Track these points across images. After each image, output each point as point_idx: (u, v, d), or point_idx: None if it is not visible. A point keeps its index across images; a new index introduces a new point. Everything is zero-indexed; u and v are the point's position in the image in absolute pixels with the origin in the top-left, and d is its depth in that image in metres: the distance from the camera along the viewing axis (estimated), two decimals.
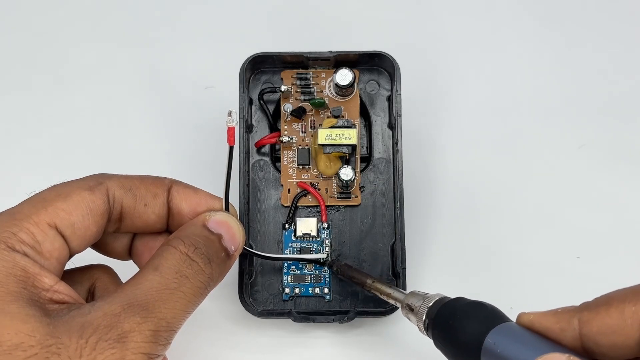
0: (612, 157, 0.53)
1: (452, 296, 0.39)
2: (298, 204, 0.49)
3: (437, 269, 0.50)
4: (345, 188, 0.49)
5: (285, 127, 0.50)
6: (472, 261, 0.50)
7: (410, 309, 0.40)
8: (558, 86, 0.55)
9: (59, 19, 0.57)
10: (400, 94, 0.49)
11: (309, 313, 0.48)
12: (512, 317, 0.49)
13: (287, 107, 0.50)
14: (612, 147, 0.53)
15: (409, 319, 0.41)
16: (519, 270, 0.45)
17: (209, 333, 0.49)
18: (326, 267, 0.48)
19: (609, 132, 0.54)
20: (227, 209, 0.43)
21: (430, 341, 0.48)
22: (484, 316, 0.37)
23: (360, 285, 0.45)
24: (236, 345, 0.49)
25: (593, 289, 0.36)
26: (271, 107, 0.50)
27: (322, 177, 0.50)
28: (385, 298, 0.44)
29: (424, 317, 0.39)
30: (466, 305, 0.38)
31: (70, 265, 0.41)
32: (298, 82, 0.50)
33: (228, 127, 0.41)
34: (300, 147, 0.50)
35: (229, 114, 0.41)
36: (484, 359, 0.36)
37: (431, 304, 0.39)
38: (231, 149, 0.41)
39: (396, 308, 0.47)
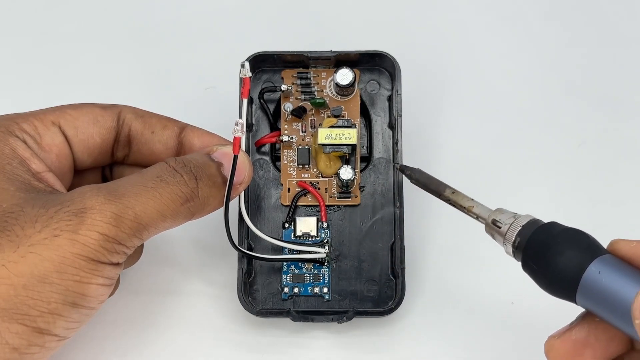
0: (612, 155, 0.53)
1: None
2: (298, 204, 0.49)
3: (437, 268, 0.50)
4: (345, 188, 0.49)
5: (286, 126, 0.50)
6: (472, 260, 0.50)
7: (497, 226, 0.38)
8: (558, 85, 0.55)
9: (58, 18, 0.57)
10: (400, 94, 0.49)
11: (307, 312, 0.47)
12: (512, 315, 0.49)
13: (288, 106, 0.50)
14: (612, 146, 0.53)
15: (492, 236, 0.39)
16: (519, 266, 0.45)
17: (207, 332, 0.49)
18: (325, 267, 0.48)
19: (609, 130, 0.54)
20: (226, 209, 0.44)
21: (429, 341, 0.49)
22: (588, 244, 0.36)
23: (436, 194, 0.42)
24: (235, 344, 0.49)
25: None
26: (271, 107, 0.50)
27: (322, 177, 0.49)
28: (465, 212, 0.41)
29: (515, 236, 0.37)
30: (568, 230, 0.36)
31: None
32: (298, 82, 0.50)
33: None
34: (300, 147, 0.50)
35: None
36: (583, 286, 0.35)
37: (525, 222, 0.37)
38: (235, 157, 0.42)
39: (395, 308, 0.47)
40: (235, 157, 0.42)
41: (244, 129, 0.44)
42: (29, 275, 0.37)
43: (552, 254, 0.36)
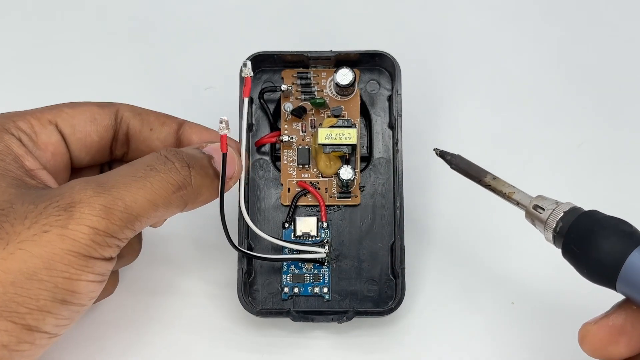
0: (612, 155, 0.53)
1: None
2: (298, 204, 0.49)
3: (436, 268, 0.50)
4: (345, 188, 0.49)
5: (286, 126, 0.50)
6: (472, 260, 0.50)
7: (538, 212, 0.39)
8: (558, 84, 0.55)
9: (58, 18, 0.57)
10: (400, 94, 0.49)
11: (307, 312, 0.47)
12: (512, 315, 0.49)
13: (288, 106, 0.50)
14: (612, 146, 0.53)
15: (532, 222, 0.39)
16: (519, 266, 0.45)
17: (207, 332, 0.49)
18: (325, 267, 0.48)
19: (609, 130, 0.54)
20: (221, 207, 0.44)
21: (429, 341, 0.49)
22: (632, 231, 0.36)
23: (476, 180, 0.42)
24: (234, 344, 0.49)
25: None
26: (271, 107, 0.50)
27: (322, 177, 0.49)
28: (505, 198, 0.41)
29: (556, 222, 0.38)
30: (612, 217, 0.37)
31: None
32: (298, 82, 0.50)
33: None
34: (300, 147, 0.50)
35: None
36: (625, 271, 0.35)
37: (568, 209, 0.38)
38: (224, 155, 0.42)
39: (395, 308, 0.47)
40: (225, 155, 0.42)
41: (229, 126, 0.43)
42: (17, 272, 0.37)
43: (596, 238, 0.36)
